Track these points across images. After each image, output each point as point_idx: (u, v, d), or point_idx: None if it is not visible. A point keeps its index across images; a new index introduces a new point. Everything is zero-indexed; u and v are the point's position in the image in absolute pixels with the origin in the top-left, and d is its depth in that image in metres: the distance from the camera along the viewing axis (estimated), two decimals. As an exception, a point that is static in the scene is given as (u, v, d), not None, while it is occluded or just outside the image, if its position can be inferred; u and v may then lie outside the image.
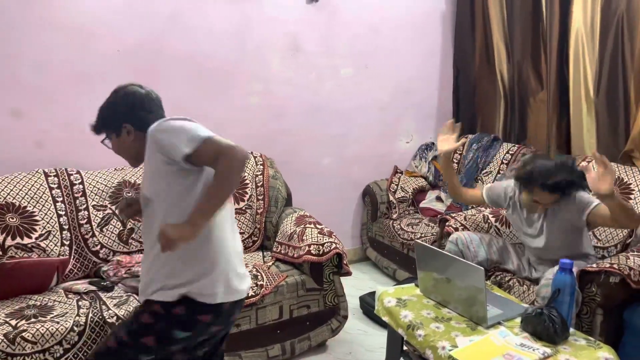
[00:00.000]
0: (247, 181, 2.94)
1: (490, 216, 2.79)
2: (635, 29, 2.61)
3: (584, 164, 2.82)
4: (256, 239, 2.91)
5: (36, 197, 2.49)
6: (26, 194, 2.47)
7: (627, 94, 2.71)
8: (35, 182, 2.53)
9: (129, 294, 2.29)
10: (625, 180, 2.65)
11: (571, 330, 1.82)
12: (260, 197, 2.94)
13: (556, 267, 1.93)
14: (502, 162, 3.35)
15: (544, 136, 3.22)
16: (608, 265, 2.08)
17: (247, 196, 2.92)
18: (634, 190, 2.56)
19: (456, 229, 2.65)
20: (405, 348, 2.13)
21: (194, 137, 1.46)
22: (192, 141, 1.45)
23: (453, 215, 2.84)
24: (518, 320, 1.88)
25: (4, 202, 2.41)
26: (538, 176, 2.12)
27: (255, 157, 3.04)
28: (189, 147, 1.44)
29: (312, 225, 2.59)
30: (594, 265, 2.12)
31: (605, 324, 2.09)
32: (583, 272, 2.12)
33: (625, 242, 2.51)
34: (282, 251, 2.65)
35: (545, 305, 1.82)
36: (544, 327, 1.75)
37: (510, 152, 3.37)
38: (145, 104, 1.66)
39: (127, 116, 1.63)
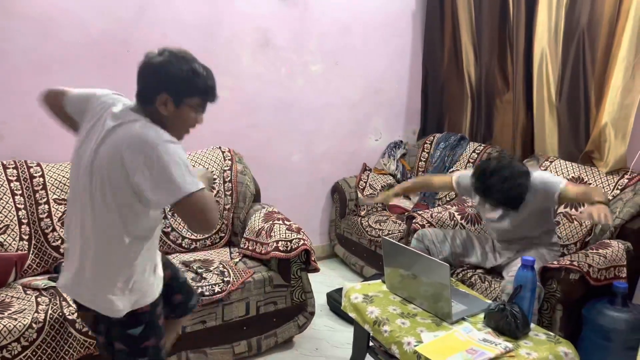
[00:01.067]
0: (215, 176, 2.91)
1: (456, 213, 2.83)
2: (596, 37, 2.69)
3: (547, 163, 2.90)
4: (223, 234, 2.88)
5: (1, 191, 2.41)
6: (-17, 186, 2.38)
7: (588, 98, 2.79)
8: (-7, 174, 2.43)
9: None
10: (585, 180, 2.73)
11: (532, 325, 1.87)
12: (228, 193, 2.91)
13: (518, 264, 1.98)
14: (469, 161, 3.41)
15: (509, 136, 3.29)
16: (568, 262, 2.14)
17: (215, 192, 2.88)
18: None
19: (422, 226, 2.69)
20: (371, 344, 2.14)
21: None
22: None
23: (420, 212, 2.87)
24: (482, 316, 1.92)
25: (-42, 195, 2.31)
26: (492, 195, 2.16)
27: (223, 152, 3.01)
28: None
29: (281, 222, 2.58)
30: (555, 263, 2.18)
31: (565, 320, 2.16)
32: (544, 269, 2.17)
33: (585, 240, 2.59)
34: (250, 247, 2.63)
35: (507, 302, 1.86)
36: (506, 322, 1.79)
37: (476, 151, 3.43)
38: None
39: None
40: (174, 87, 1.48)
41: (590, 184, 2.70)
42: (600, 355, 2.14)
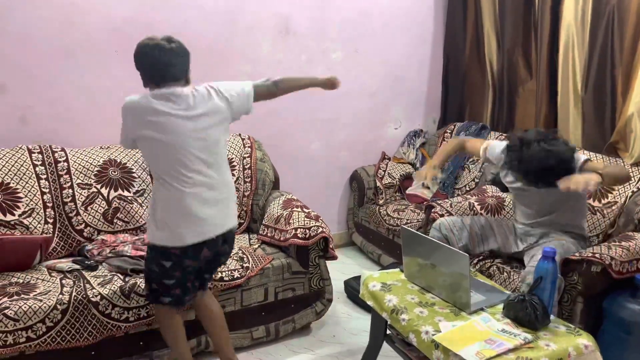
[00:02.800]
0: (235, 163, 2.92)
1: (476, 203, 2.81)
2: (625, 24, 2.62)
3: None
4: (243, 221, 2.90)
5: (19, 174, 2.45)
6: (9, 170, 2.43)
7: (615, 87, 2.73)
8: (19, 158, 2.48)
9: (113, 273, 2.27)
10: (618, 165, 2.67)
11: (552, 317, 1.85)
12: (247, 180, 2.93)
13: (540, 254, 1.96)
14: (489, 151, 3.37)
15: (532, 126, 3.24)
16: (590, 254, 2.11)
17: (235, 178, 2.90)
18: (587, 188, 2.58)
19: (442, 216, 2.67)
20: (388, 332, 2.15)
21: None
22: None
23: (439, 202, 2.86)
24: (500, 306, 1.91)
25: (-14, 178, 2.37)
26: (524, 171, 2.15)
27: (243, 139, 3.02)
28: None
29: (299, 209, 2.59)
30: (577, 254, 2.16)
31: (585, 312, 2.14)
32: (566, 261, 2.15)
33: (607, 232, 2.56)
34: (269, 234, 2.65)
35: (527, 293, 1.85)
36: (526, 313, 1.78)
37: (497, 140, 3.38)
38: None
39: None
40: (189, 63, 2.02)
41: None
42: (620, 349, 2.12)
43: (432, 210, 2.77)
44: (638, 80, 2.57)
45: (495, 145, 2.43)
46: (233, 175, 2.90)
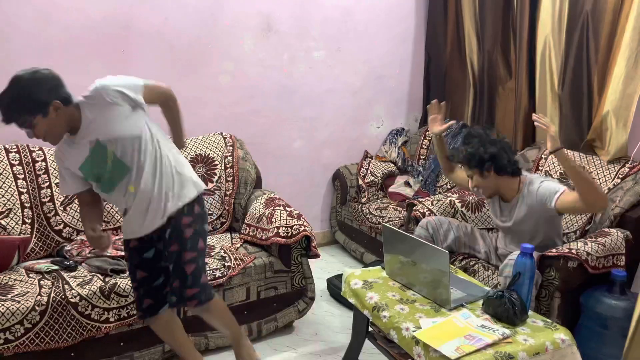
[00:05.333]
0: (217, 162, 2.91)
1: (456, 201, 2.84)
2: (600, 24, 2.67)
3: (547, 152, 2.89)
4: (225, 220, 2.89)
5: (4, 174, 2.41)
6: (-15, 170, 2.39)
7: (591, 86, 2.78)
8: (-4, 157, 2.44)
9: (92, 274, 2.25)
10: (587, 169, 2.73)
11: (530, 312, 1.89)
12: (229, 179, 2.92)
13: (518, 251, 1.99)
14: (470, 149, 3.40)
15: (511, 124, 3.29)
16: (567, 250, 2.15)
17: (216, 177, 2.89)
18: (595, 177, 2.64)
19: (423, 214, 2.69)
20: (370, 329, 2.16)
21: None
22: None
23: (420, 200, 2.88)
24: (480, 302, 1.94)
25: (-39, 178, 2.32)
26: (465, 155, 2.30)
27: (225, 138, 3.01)
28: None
29: (282, 208, 2.59)
30: (554, 250, 2.19)
31: (563, 307, 2.17)
32: (543, 257, 2.18)
33: (584, 229, 2.60)
34: (251, 233, 2.64)
35: (506, 288, 1.88)
36: (504, 309, 1.81)
37: (478, 139, 3.42)
38: (61, 80, 1.80)
39: (54, 94, 1.74)
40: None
41: (591, 172, 2.70)
42: (597, 343, 2.16)
43: (414, 208, 2.79)
44: (613, 79, 2.62)
45: None
46: (215, 174, 2.89)
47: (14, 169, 2.46)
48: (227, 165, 2.94)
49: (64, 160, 1.86)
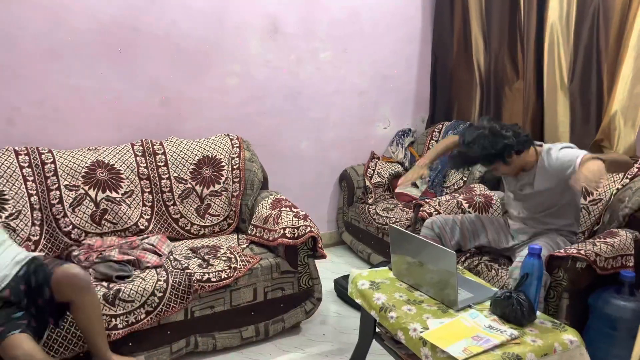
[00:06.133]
0: (223, 163, 2.92)
1: (464, 202, 2.83)
2: (609, 24, 2.66)
3: None
4: (231, 221, 2.90)
5: (6, 176, 2.44)
6: (-5, 172, 2.41)
7: (600, 85, 2.76)
8: (5, 160, 2.46)
9: (97, 282, 2.23)
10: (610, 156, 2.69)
11: (538, 313, 1.88)
12: (236, 180, 2.93)
13: (526, 250, 1.98)
14: (477, 150, 3.39)
15: (519, 124, 3.27)
16: (575, 251, 2.13)
17: (223, 178, 2.90)
18: (602, 179, 2.62)
19: (430, 214, 2.69)
20: (377, 330, 2.16)
21: None
22: None
23: (427, 200, 2.88)
24: (487, 303, 1.93)
25: (-29, 180, 2.35)
26: (472, 159, 2.29)
27: (231, 139, 3.02)
28: None
29: (288, 209, 2.60)
30: (562, 251, 2.18)
31: (571, 308, 2.16)
32: (551, 257, 2.17)
33: (593, 229, 2.59)
34: (257, 234, 2.65)
35: (514, 289, 1.87)
36: (512, 310, 1.80)
37: (485, 139, 3.41)
38: None
39: None
40: None
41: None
42: (606, 344, 2.14)
43: (421, 208, 2.79)
44: (621, 79, 2.60)
45: None
46: (222, 175, 2.90)
47: (24, 171, 2.49)
48: (234, 167, 2.95)
49: None
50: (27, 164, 2.51)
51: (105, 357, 2.03)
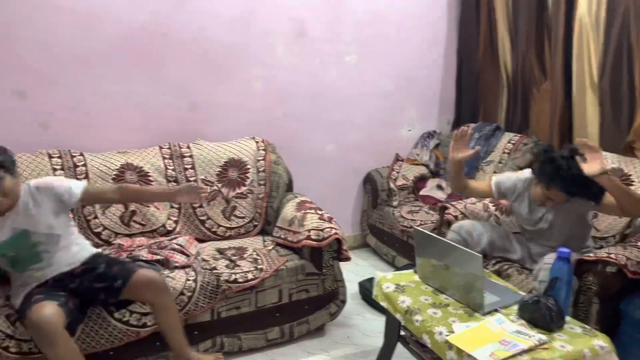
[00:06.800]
0: (249, 166, 2.96)
1: (490, 205, 2.80)
2: (640, 22, 2.60)
3: None
4: (257, 223, 2.93)
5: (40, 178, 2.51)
6: (29, 174, 2.48)
7: (632, 85, 2.70)
8: (39, 163, 2.54)
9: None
10: (626, 172, 2.65)
11: (567, 318, 1.84)
12: (261, 182, 2.96)
13: (554, 253, 1.95)
14: (504, 152, 3.36)
15: (547, 126, 3.22)
16: (605, 255, 2.09)
17: (249, 181, 2.93)
18: (634, 181, 2.56)
19: (456, 217, 2.67)
20: (402, 333, 2.15)
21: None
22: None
23: (453, 203, 2.86)
24: (515, 307, 1.90)
25: (7, 183, 2.42)
26: (564, 180, 2.10)
27: (257, 142, 3.05)
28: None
29: (313, 211, 2.61)
30: (592, 255, 2.14)
31: (602, 313, 2.11)
32: (580, 261, 2.13)
33: (624, 233, 2.53)
34: (283, 236, 2.67)
35: (543, 294, 1.84)
36: (541, 314, 1.77)
37: (512, 141, 3.37)
38: None
39: None
40: None
41: (630, 175, 2.62)
42: (638, 350, 2.09)
43: (446, 211, 2.77)
44: (654, 79, 2.54)
45: (503, 180, 2.43)
46: (247, 177, 2.94)
47: (56, 173, 2.56)
48: (260, 169, 2.98)
49: None
50: (59, 167, 2.58)
51: (185, 352, 2.18)
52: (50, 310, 1.86)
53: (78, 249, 2.15)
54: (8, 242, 1.96)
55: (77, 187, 2.08)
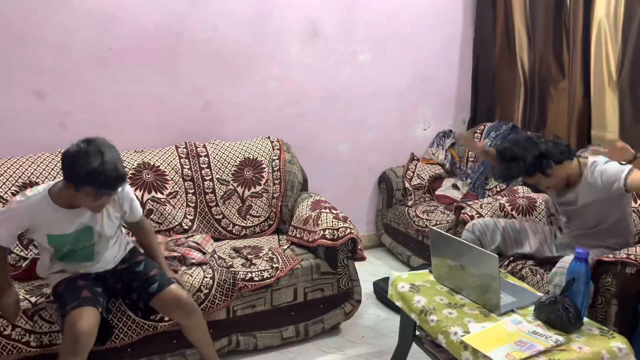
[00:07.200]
0: (264, 165, 2.97)
1: (506, 204, 2.77)
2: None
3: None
4: (272, 222, 2.94)
5: (59, 178, 2.54)
6: (49, 174, 2.53)
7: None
8: (59, 162, 2.57)
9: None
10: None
11: (585, 319, 1.82)
12: (276, 181, 2.97)
13: (569, 256, 1.93)
14: (520, 151, 3.32)
15: (564, 125, 3.18)
16: (625, 255, 2.06)
17: (264, 180, 2.95)
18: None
19: (472, 217, 2.65)
20: (417, 333, 2.15)
21: None
22: None
23: (469, 203, 2.83)
24: (531, 308, 1.89)
25: (27, 182, 2.47)
26: (505, 175, 2.30)
27: (272, 142, 3.06)
28: None
29: (328, 210, 2.61)
30: (610, 256, 2.11)
31: (620, 315, 2.08)
32: (599, 262, 2.11)
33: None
34: (298, 235, 2.68)
35: (560, 294, 1.82)
36: (558, 315, 1.75)
37: (528, 140, 3.33)
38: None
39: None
40: (73, 178, 1.83)
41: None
42: (657, 353, 2.06)
43: (462, 211, 2.75)
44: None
45: None
46: (262, 177, 2.95)
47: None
48: (274, 169, 2.99)
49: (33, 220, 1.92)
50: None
51: None
52: (90, 323, 1.87)
53: (122, 246, 2.20)
54: (72, 235, 1.97)
55: (140, 212, 2.20)
